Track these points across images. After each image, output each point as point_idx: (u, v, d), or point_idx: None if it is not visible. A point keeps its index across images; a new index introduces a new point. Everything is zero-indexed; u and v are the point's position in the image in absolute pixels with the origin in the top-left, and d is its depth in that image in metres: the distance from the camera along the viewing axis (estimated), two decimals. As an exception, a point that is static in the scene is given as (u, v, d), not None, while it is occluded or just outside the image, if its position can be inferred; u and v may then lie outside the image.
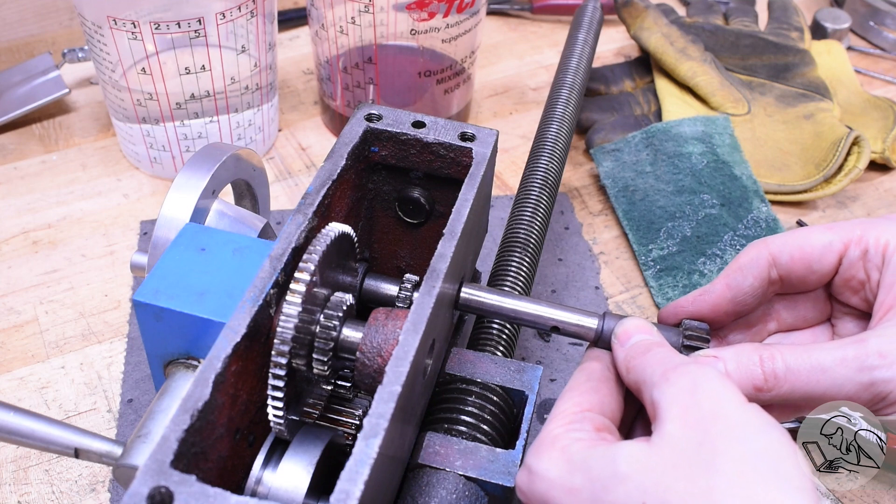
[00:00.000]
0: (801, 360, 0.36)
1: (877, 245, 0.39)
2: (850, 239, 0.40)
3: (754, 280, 0.41)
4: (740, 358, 0.37)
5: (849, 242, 0.40)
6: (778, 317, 0.44)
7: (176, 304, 0.37)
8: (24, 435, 0.37)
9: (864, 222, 0.40)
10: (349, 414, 0.40)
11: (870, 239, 0.39)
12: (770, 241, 0.41)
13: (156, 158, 0.70)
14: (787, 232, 0.42)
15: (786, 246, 0.41)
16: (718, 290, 0.42)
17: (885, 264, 0.38)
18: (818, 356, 0.36)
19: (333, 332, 0.37)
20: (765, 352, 0.37)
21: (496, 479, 0.37)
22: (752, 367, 0.37)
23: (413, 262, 0.50)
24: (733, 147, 0.71)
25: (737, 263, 0.42)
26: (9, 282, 0.62)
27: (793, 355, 0.37)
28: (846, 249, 0.40)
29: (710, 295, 0.42)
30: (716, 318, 0.42)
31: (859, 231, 0.40)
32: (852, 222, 0.41)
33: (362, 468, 0.30)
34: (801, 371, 0.36)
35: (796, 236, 0.41)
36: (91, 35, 0.64)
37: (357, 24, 0.67)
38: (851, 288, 0.41)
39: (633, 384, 0.36)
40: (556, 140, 0.60)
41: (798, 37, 0.86)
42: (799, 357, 0.36)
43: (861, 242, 0.39)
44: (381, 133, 0.45)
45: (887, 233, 0.39)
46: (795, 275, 0.41)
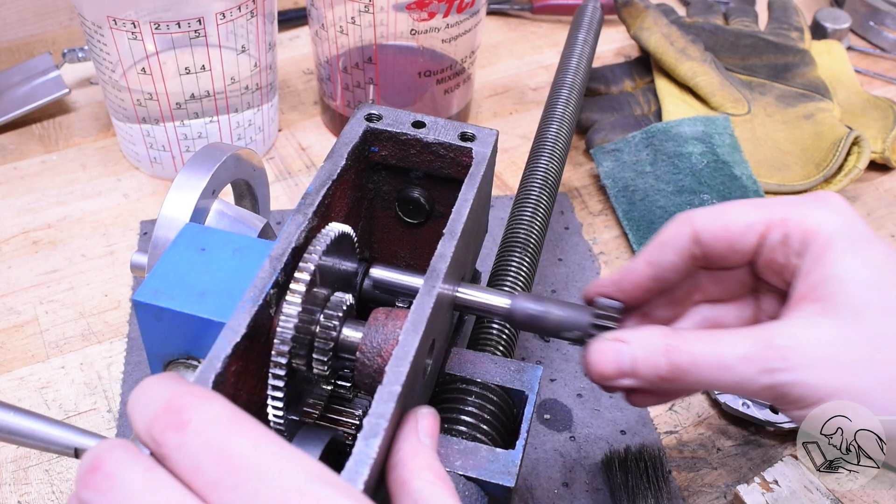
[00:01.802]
0: (705, 354, 0.36)
1: (798, 230, 0.38)
2: (773, 221, 0.38)
3: (675, 256, 0.41)
4: (647, 344, 0.37)
5: (771, 224, 0.38)
6: (704, 289, 0.43)
7: (176, 304, 0.37)
8: (24, 435, 0.37)
9: (791, 202, 0.39)
10: (349, 414, 0.40)
11: (791, 223, 0.38)
12: (694, 217, 0.40)
13: (156, 158, 0.70)
14: (713, 206, 0.40)
15: (709, 223, 0.40)
16: (640, 268, 0.41)
17: (805, 251, 0.37)
18: (723, 351, 0.36)
19: (333, 332, 0.37)
20: (671, 340, 0.36)
21: (496, 478, 0.37)
22: (658, 356, 0.37)
23: (413, 262, 0.50)
24: (733, 147, 0.71)
25: (659, 239, 0.41)
26: (9, 282, 0.62)
27: (699, 345, 0.36)
28: (768, 231, 0.38)
29: (631, 273, 0.42)
30: (638, 295, 0.42)
31: (783, 212, 0.38)
32: (781, 200, 0.39)
33: (362, 468, 0.30)
34: (706, 366, 0.36)
35: (721, 213, 0.40)
36: (91, 35, 0.64)
37: (357, 24, 0.67)
38: (772, 269, 0.40)
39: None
40: (556, 140, 0.60)
41: (798, 37, 0.86)
42: (704, 349, 0.36)
43: (783, 225, 0.38)
44: (381, 133, 0.45)
45: (811, 217, 0.37)
46: (717, 252, 0.40)
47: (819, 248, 0.37)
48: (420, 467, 0.31)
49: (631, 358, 0.37)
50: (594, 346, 0.39)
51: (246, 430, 0.27)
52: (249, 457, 0.26)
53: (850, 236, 0.37)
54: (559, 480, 0.51)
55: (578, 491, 0.51)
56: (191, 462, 0.26)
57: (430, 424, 0.34)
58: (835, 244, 0.36)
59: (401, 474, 0.31)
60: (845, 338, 0.35)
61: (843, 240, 0.36)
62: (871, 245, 0.37)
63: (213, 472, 0.26)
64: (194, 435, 0.27)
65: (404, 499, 0.31)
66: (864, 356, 0.34)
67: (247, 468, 0.26)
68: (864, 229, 0.37)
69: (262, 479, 0.26)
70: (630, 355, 0.37)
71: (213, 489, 0.26)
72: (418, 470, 0.31)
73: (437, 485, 0.31)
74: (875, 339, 0.34)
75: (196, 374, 0.32)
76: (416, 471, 0.31)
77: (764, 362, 0.35)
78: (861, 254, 0.36)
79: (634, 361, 0.37)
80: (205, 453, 0.26)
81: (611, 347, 0.38)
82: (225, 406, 0.28)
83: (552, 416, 0.54)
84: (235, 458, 0.26)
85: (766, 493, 0.49)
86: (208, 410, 0.27)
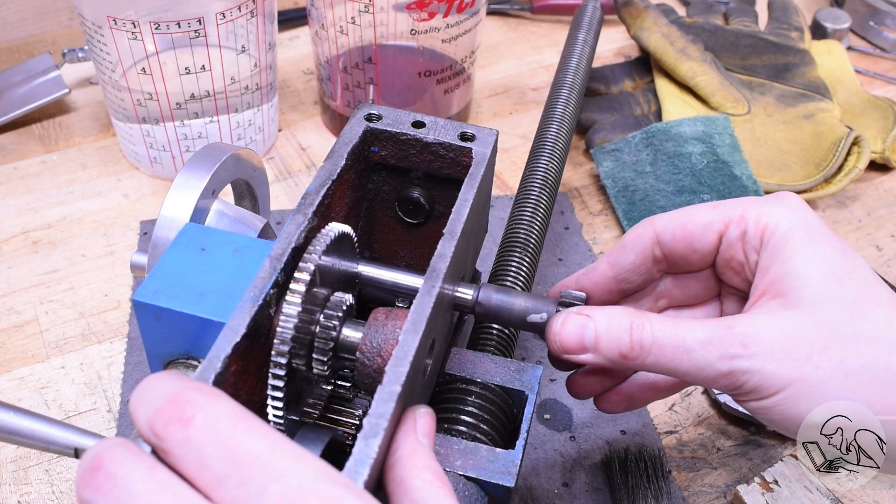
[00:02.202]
0: (668, 335, 0.36)
1: (756, 226, 0.38)
2: (731, 218, 0.39)
3: (636, 258, 0.41)
4: (611, 321, 0.37)
5: (729, 222, 0.39)
6: (669, 294, 0.44)
7: (176, 304, 0.37)
8: (24, 435, 0.37)
9: (748, 201, 0.39)
10: (349, 414, 0.40)
11: (749, 220, 0.38)
12: (656, 220, 0.41)
13: (156, 158, 0.70)
14: (675, 210, 0.41)
15: (669, 224, 0.41)
16: (601, 269, 0.42)
17: (763, 247, 0.38)
18: (685, 335, 0.36)
19: (333, 332, 0.37)
20: (636, 319, 0.37)
21: (496, 479, 0.37)
22: (622, 332, 0.37)
23: (413, 262, 0.50)
24: (733, 147, 0.71)
25: (621, 242, 0.42)
26: (9, 282, 0.62)
27: (662, 328, 0.37)
28: (726, 229, 0.39)
29: (593, 273, 0.42)
30: (601, 297, 0.42)
31: (741, 210, 0.39)
32: (739, 200, 0.40)
33: (362, 468, 0.30)
34: (667, 347, 0.36)
35: (681, 214, 0.41)
36: (91, 35, 0.64)
37: (357, 24, 0.67)
38: (732, 269, 0.40)
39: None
40: (556, 140, 0.60)
41: (798, 37, 0.86)
42: (667, 331, 0.36)
43: (741, 222, 0.39)
44: (381, 133, 0.45)
45: (768, 214, 0.38)
46: (678, 253, 0.41)
47: (776, 244, 0.37)
48: (419, 467, 0.31)
49: (594, 332, 0.38)
50: (559, 317, 0.39)
51: (252, 427, 0.27)
52: (257, 453, 0.26)
53: (806, 231, 0.37)
54: (559, 480, 0.51)
55: (578, 491, 0.51)
56: (196, 458, 0.26)
57: (427, 424, 0.34)
58: (791, 239, 0.37)
59: (399, 473, 0.31)
60: (803, 329, 0.35)
61: (799, 235, 0.37)
62: (826, 240, 0.37)
63: (218, 468, 0.26)
64: (200, 430, 0.26)
65: (403, 498, 0.31)
66: (821, 348, 0.35)
67: (254, 465, 0.26)
68: (820, 225, 0.38)
69: (269, 476, 0.25)
70: (594, 329, 0.38)
71: (218, 486, 0.26)
72: (417, 469, 0.31)
73: (436, 484, 0.31)
74: (831, 331, 0.35)
75: (196, 374, 0.32)
76: (414, 470, 0.31)
77: (724, 347, 0.35)
78: (817, 248, 0.37)
79: (597, 336, 0.38)
80: (210, 449, 0.26)
81: (575, 320, 0.38)
82: (230, 403, 0.27)
83: (552, 416, 0.54)
84: (242, 454, 0.26)
85: (766, 493, 0.49)
86: (214, 406, 0.27)
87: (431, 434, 0.34)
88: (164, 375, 0.29)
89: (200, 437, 0.26)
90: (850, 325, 0.35)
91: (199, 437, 0.26)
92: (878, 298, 0.36)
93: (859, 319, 0.35)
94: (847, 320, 0.35)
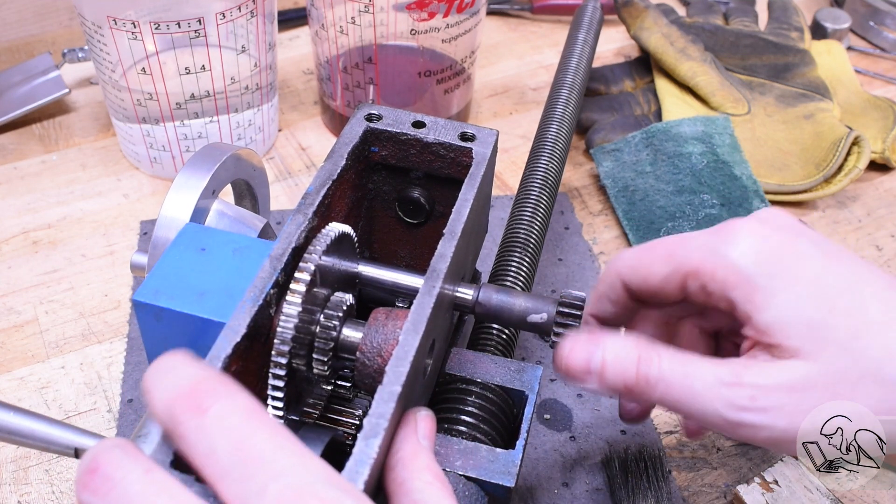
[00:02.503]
0: (676, 374, 0.36)
1: (713, 279, 0.37)
2: (687, 272, 0.38)
3: (615, 307, 0.42)
4: (620, 351, 0.37)
5: (685, 276, 0.38)
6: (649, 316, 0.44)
7: (176, 304, 0.37)
8: (24, 435, 0.37)
9: (703, 247, 0.37)
10: (349, 414, 0.40)
11: (705, 274, 0.37)
12: (619, 268, 0.41)
13: (156, 158, 0.70)
14: (635, 253, 0.40)
15: (632, 276, 0.40)
16: (592, 321, 0.43)
17: (732, 300, 0.36)
18: (693, 375, 0.35)
19: (333, 332, 0.37)
20: (645, 353, 0.36)
21: (496, 479, 0.37)
22: (629, 365, 0.37)
23: (413, 262, 0.50)
24: (733, 147, 0.71)
25: (596, 293, 0.43)
26: (9, 282, 0.62)
27: (671, 365, 0.36)
28: (685, 282, 0.38)
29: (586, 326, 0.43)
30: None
31: (695, 262, 0.37)
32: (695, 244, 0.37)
33: (362, 468, 0.30)
34: (674, 385, 0.36)
35: (640, 263, 0.39)
36: (91, 35, 0.64)
37: (357, 24, 0.67)
38: (710, 309, 0.40)
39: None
40: (556, 140, 0.60)
41: (798, 37, 0.86)
42: (676, 369, 0.36)
43: (697, 276, 0.37)
44: (381, 133, 0.45)
45: (725, 264, 0.36)
46: (649, 297, 0.40)
47: (744, 295, 0.36)
48: (419, 468, 0.31)
49: (601, 361, 0.37)
50: (568, 339, 0.39)
51: (263, 424, 0.27)
52: (263, 451, 0.26)
53: (770, 273, 0.36)
54: (559, 480, 0.51)
55: (578, 491, 0.51)
56: (206, 446, 0.26)
57: (428, 426, 0.34)
58: (759, 286, 0.35)
59: (400, 474, 0.31)
60: (809, 379, 0.34)
61: (764, 279, 0.35)
62: (797, 273, 0.35)
63: (225, 460, 0.26)
64: (214, 420, 0.27)
65: (403, 499, 0.31)
66: (831, 395, 0.34)
67: (257, 462, 0.26)
68: (785, 253, 0.36)
69: (270, 475, 0.26)
70: (601, 358, 0.37)
71: (223, 478, 0.26)
72: (418, 471, 0.31)
73: (436, 486, 0.31)
74: (837, 377, 0.34)
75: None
76: (415, 472, 0.31)
77: (732, 397, 0.35)
78: (789, 290, 0.35)
79: (604, 365, 0.37)
80: (221, 440, 0.26)
81: (584, 345, 0.38)
82: (246, 398, 0.28)
83: (552, 416, 0.55)
84: (248, 450, 0.26)
85: (766, 493, 0.49)
86: (231, 400, 0.27)
87: (432, 436, 0.34)
88: (185, 360, 0.29)
89: (213, 428, 0.26)
90: (855, 366, 0.34)
91: (211, 428, 0.26)
92: (872, 326, 0.34)
93: (860, 357, 0.34)
94: (851, 363, 0.34)
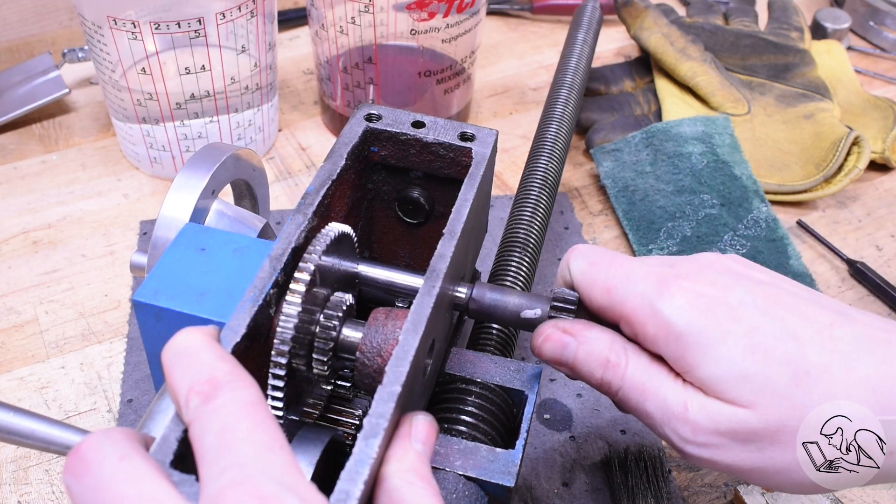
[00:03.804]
0: (635, 389, 0.37)
1: (644, 332, 0.37)
2: (620, 315, 0.38)
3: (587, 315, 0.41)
4: (591, 350, 0.38)
5: (619, 319, 0.38)
6: None
7: (176, 305, 0.37)
8: (23, 435, 0.37)
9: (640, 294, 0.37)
10: (349, 414, 0.40)
11: (636, 324, 0.37)
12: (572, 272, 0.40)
13: (156, 158, 0.70)
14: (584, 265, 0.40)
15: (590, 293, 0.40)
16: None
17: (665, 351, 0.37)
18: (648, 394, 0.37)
19: (333, 332, 0.37)
20: (614, 356, 0.38)
21: (496, 478, 0.37)
22: (597, 366, 0.38)
23: (413, 262, 0.50)
24: (733, 147, 0.71)
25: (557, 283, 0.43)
26: (9, 282, 0.62)
27: (632, 375, 0.37)
28: (619, 321, 0.38)
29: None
30: None
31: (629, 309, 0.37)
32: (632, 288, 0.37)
33: (362, 468, 0.30)
34: (630, 399, 0.38)
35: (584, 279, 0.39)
36: (91, 35, 0.64)
37: (357, 24, 0.67)
38: None
39: None
40: (556, 140, 0.60)
41: (798, 37, 0.86)
42: (635, 382, 0.37)
43: (629, 323, 0.38)
44: (381, 133, 0.45)
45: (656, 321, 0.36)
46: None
47: (677, 353, 0.36)
48: (404, 469, 0.31)
49: (573, 355, 0.39)
50: (546, 327, 0.39)
51: (250, 416, 0.28)
52: (236, 440, 0.27)
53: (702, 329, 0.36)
54: (559, 480, 0.51)
55: (578, 491, 0.51)
56: (200, 430, 0.28)
57: (424, 431, 0.34)
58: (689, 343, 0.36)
59: (382, 472, 0.31)
60: (748, 427, 0.35)
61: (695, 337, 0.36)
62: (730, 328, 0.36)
63: (208, 443, 0.27)
64: (215, 408, 0.28)
65: (381, 496, 0.31)
66: (771, 441, 0.35)
67: (228, 449, 0.27)
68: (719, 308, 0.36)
69: (231, 463, 0.26)
70: (573, 352, 0.39)
71: (202, 459, 0.27)
72: (402, 471, 0.31)
73: (418, 486, 0.31)
74: (778, 426, 0.35)
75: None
76: (399, 472, 0.31)
77: (678, 425, 0.36)
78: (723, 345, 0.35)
79: (575, 359, 0.39)
80: (212, 426, 0.28)
81: (558, 338, 0.39)
82: (250, 392, 0.29)
83: (552, 415, 0.55)
84: (228, 437, 0.27)
85: (766, 493, 0.49)
86: (236, 392, 0.29)
87: (428, 441, 0.34)
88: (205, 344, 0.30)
89: (211, 415, 0.28)
90: (795, 414, 0.34)
91: (210, 414, 0.28)
92: (811, 371, 0.35)
93: (800, 405, 0.34)
94: (791, 411, 0.34)
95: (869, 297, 0.65)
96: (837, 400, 0.34)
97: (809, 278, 0.64)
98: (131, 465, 0.27)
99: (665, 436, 0.37)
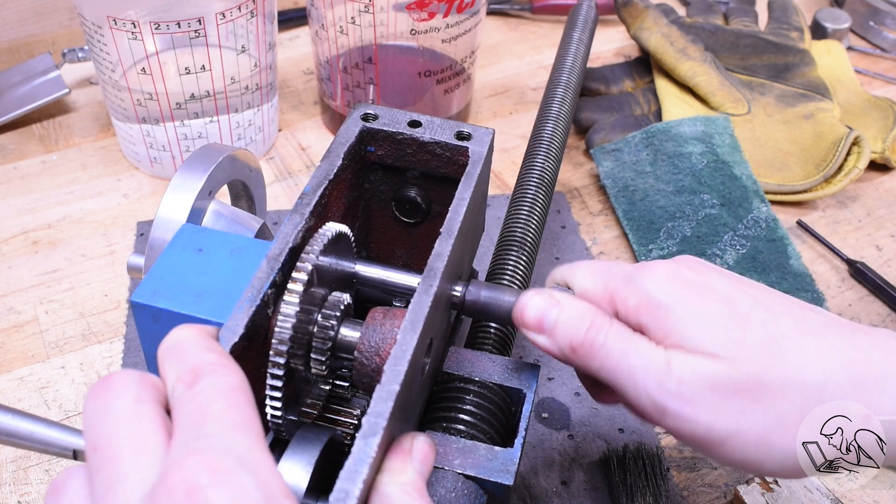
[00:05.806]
0: (617, 347, 0.37)
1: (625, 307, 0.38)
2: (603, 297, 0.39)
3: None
4: (575, 313, 0.38)
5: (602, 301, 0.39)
6: None
7: (174, 305, 0.37)
8: (21, 437, 0.37)
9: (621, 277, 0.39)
10: (348, 413, 0.40)
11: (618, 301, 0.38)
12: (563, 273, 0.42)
13: (156, 158, 0.70)
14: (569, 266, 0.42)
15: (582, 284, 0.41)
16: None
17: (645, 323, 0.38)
18: (631, 353, 0.37)
19: (331, 332, 0.37)
20: (598, 320, 0.38)
21: (495, 477, 0.37)
22: (580, 327, 0.38)
23: (410, 262, 0.50)
24: (733, 147, 0.71)
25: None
26: (9, 282, 0.62)
27: (615, 337, 0.37)
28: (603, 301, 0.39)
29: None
30: None
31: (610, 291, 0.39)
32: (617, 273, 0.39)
33: (361, 467, 0.30)
34: (612, 357, 0.37)
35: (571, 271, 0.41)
36: (91, 35, 0.64)
37: (357, 24, 0.67)
38: None
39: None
40: (553, 138, 0.60)
41: (798, 37, 0.86)
42: (618, 343, 0.37)
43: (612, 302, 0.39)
44: (378, 133, 0.45)
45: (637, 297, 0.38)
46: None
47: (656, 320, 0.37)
48: (403, 482, 0.32)
49: (556, 319, 0.38)
50: (530, 292, 0.40)
51: (224, 398, 0.29)
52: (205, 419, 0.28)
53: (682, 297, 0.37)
54: (557, 479, 0.51)
55: (577, 489, 0.51)
56: (178, 410, 0.29)
57: (424, 451, 0.34)
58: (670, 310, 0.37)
59: (379, 483, 0.32)
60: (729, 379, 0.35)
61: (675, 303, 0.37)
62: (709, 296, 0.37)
63: (182, 420, 0.28)
64: (194, 392, 0.29)
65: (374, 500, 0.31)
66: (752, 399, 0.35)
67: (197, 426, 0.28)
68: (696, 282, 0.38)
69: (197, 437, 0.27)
70: (556, 315, 0.38)
71: (174, 439, 0.28)
72: (401, 484, 0.32)
73: (413, 495, 0.31)
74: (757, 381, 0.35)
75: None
76: (397, 484, 0.32)
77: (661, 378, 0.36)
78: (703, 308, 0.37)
79: (557, 323, 0.38)
80: (189, 405, 0.29)
81: (543, 300, 0.39)
82: (232, 378, 0.29)
83: (550, 414, 0.55)
84: (199, 416, 0.28)
85: (766, 493, 0.49)
86: (216, 378, 0.29)
87: (426, 461, 0.34)
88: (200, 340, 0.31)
89: (187, 398, 0.29)
90: (775, 369, 0.35)
91: (188, 397, 0.29)
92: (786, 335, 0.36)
93: (780, 361, 0.35)
94: (770, 365, 0.35)
95: (869, 297, 0.65)
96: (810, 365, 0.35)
97: (809, 278, 0.64)
98: (143, 408, 0.29)
99: (646, 394, 0.36)
